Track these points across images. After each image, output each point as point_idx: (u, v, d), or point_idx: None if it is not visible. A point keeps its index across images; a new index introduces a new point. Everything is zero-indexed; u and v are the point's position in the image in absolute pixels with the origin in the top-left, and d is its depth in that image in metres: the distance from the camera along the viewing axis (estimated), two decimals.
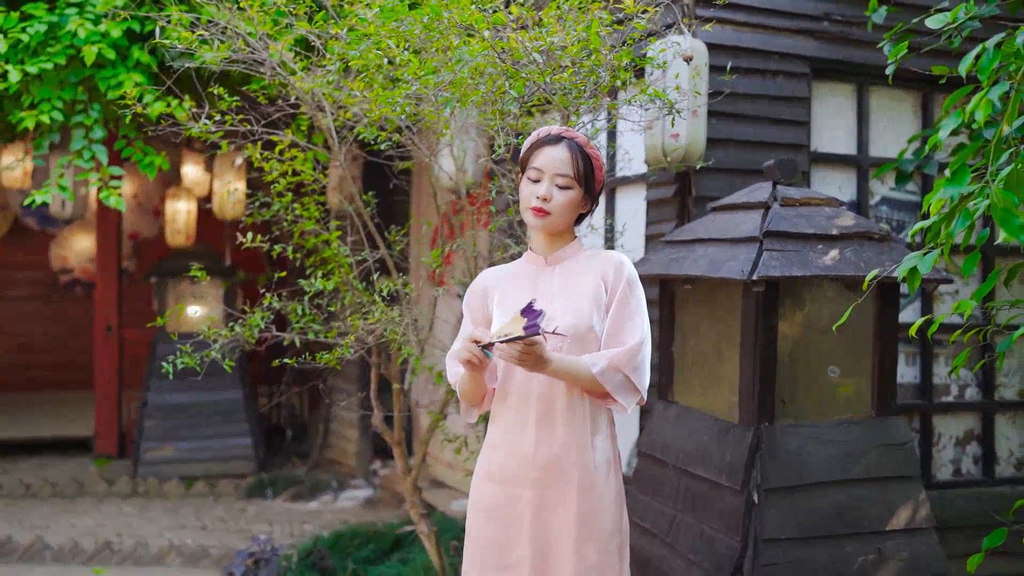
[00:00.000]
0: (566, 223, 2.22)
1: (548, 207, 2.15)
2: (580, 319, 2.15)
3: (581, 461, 2.15)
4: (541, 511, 2.15)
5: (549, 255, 2.25)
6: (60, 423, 7.76)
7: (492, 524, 2.19)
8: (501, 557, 2.17)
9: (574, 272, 2.23)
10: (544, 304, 2.11)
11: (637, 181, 4.04)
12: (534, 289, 2.21)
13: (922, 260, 2.32)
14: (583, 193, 2.20)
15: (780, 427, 2.88)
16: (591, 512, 2.14)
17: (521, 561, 2.15)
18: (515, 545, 2.16)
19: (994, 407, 4.31)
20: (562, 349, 2.14)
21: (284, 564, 4.29)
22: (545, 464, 2.15)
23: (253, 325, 3.39)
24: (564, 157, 2.16)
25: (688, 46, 3.36)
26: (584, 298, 2.18)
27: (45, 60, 4.41)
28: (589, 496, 2.14)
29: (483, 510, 2.22)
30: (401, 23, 2.72)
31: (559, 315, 2.16)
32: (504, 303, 2.23)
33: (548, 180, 2.16)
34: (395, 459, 3.83)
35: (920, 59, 3.40)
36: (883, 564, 2.83)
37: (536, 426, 2.16)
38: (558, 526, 2.14)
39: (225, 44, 3.25)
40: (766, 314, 2.87)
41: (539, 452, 2.15)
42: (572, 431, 2.15)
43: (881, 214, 4.19)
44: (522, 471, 2.16)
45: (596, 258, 2.25)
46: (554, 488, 2.14)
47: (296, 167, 3.51)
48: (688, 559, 2.94)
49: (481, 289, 2.30)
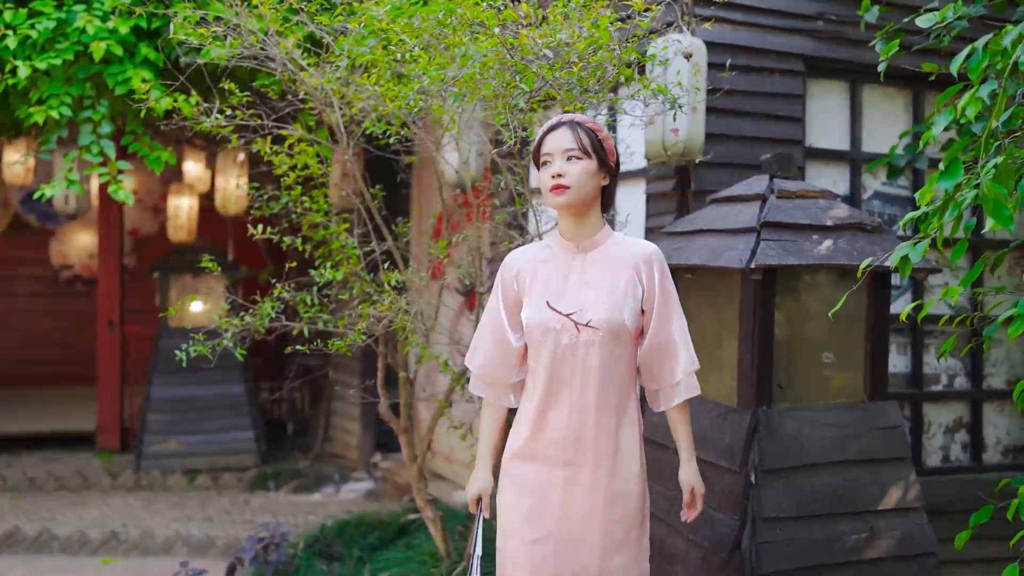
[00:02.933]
0: (588, 196, 2.26)
1: (564, 181, 2.23)
2: (613, 313, 2.24)
3: (611, 446, 2.26)
4: (571, 490, 2.26)
5: (581, 242, 2.31)
6: (63, 418, 7.82)
7: (523, 499, 2.30)
8: (530, 531, 2.28)
9: (606, 262, 2.29)
10: (577, 296, 2.24)
11: (637, 175, 4.14)
12: (567, 278, 2.28)
13: (913, 249, 2.43)
14: (597, 164, 2.27)
15: (777, 411, 2.98)
16: (619, 494, 2.27)
17: (549, 536, 2.26)
18: (544, 521, 2.27)
19: (982, 396, 4.43)
20: (594, 343, 2.23)
21: (291, 552, 4.38)
22: (577, 447, 2.26)
23: (264, 315, 3.48)
24: (566, 135, 2.26)
25: (688, 44, 3.47)
26: (617, 291, 2.26)
27: (53, 56, 4.48)
28: (617, 479, 2.27)
29: (516, 484, 2.32)
30: (413, 19, 2.81)
31: (591, 307, 2.24)
32: (533, 288, 2.31)
33: (558, 158, 2.25)
34: (401, 447, 3.92)
35: (911, 57, 3.52)
36: (875, 541, 2.95)
37: (569, 410, 2.26)
38: (587, 506, 2.26)
39: (236, 40, 3.34)
40: (764, 302, 2.98)
41: (572, 435, 2.26)
42: (603, 417, 2.26)
43: (873, 208, 4.30)
44: (555, 452, 2.27)
45: (628, 248, 2.31)
46: (586, 470, 2.26)
47: (306, 160, 3.61)
48: (688, 538, 3.04)
49: (513, 269, 2.37)
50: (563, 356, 2.25)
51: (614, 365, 2.26)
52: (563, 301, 2.27)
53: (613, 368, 2.26)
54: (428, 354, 3.66)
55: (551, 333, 2.26)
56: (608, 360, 2.25)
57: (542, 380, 2.29)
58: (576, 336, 2.24)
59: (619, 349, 2.26)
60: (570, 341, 2.24)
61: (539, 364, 2.29)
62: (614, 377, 2.27)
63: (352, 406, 6.76)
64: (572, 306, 2.25)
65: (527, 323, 2.30)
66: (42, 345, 9.49)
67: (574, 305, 2.25)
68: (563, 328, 2.25)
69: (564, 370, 2.26)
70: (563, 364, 2.25)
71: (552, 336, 2.26)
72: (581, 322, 2.19)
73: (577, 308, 2.25)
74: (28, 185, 7.34)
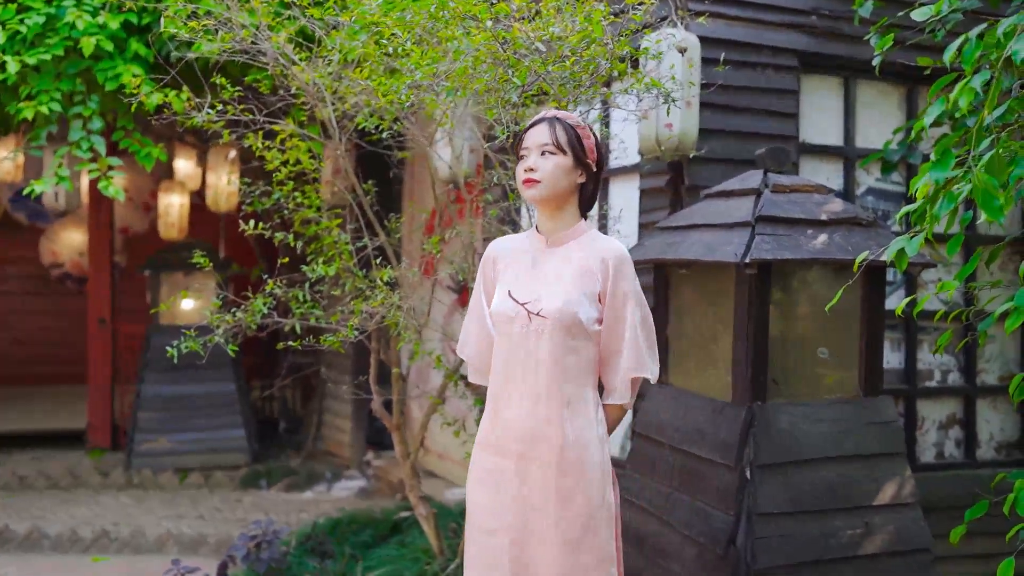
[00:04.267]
0: (560, 192, 2.26)
1: (536, 175, 2.24)
2: (566, 305, 2.22)
3: (559, 439, 2.21)
4: (524, 482, 2.23)
5: (552, 236, 2.32)
6: (53, 416, 7.78)
7: (483, 489, 2.30)
8: (488, 521, 2.27)
9: (571, 257, 2.29)
10: (536, 287, 2.24)
11: (631, 171, 4.13)
12: (532, 270, 2.30)
13: (909, 243, 2.42)
14: (573, 162, 2.26)
15: (772, 406, 2.97)
16: (571, 490, 2.20)
17: (505, 528, 2.24)
18: (500, 512, 2.25)
19: (976, 392, 4.44)
20: (544, 333, 2.21)
21: (283, 549, 4.35)
22: (526, 438, 2.23)
23: (256, 311, 3.46)
24: (544, 131, 2.27)
25: (682, 38, 3.45)
26: (573, 284, 2.25)
27: (43, 51, 4.45)
28: (567, 474, 2.21)
29: (476, 475, 2.33)
30: (406, 13, 2.79)
31: (546, 298, 2.24)
32: (504, 278, 2.33)
33: (534, 153, 2.25)
34: (394, 444, 3.91)
35: (905, 52, 3.52)
36: (870, 537, 2.94)
37: (520, 399, 2.25)
38: (540, 500, 2.22)
39: (228, 35, 3.31)
40: (759, 296, 2.97)
41: (521, 425, 2.24)
42: (552, 409, 2.22)
43: (867, 204, 4.30)
44: (507, 442, 2.26)
45: (593, 244, 2.30)
46: (535, 463, 2.22)
47: (298, 156, 3.58)
48: (683, 534, 3.03)
49: (492, 257, 2.40)
50: (516, 345, 2.26)
51: (566, 357, 2.23)
52: (523, 291, 2.28)
53: (565, 360, 2.23)
54: (421, 351, 3.64)
55: (507, 321, 2.28)
56: (559, 351, 2.22)
57: (498, 368, 2.31)
58: (528, 325, 2.24)
59: (572, 341, 2.23)
60: (522, 330, 2.24)
61: (497, 353, 2.32)
62: (567, 369, 2.23)
63: (344, 404, 6.73)
64: (529, 296, 2.26)
65: (491, 311, 2.34)
66: (33, 343, 9.43)
67: (531, 295, 2.26)
68: (517, 316, 2.26)
69: (516, 359, 2.26)
70: (515, 353, 2.26)
71: (507, 324, 2.28)
72: (533, 311, 2.19)
73: (533, 298, 2.25)
74: (18, 182, 7.27)
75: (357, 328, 3.38)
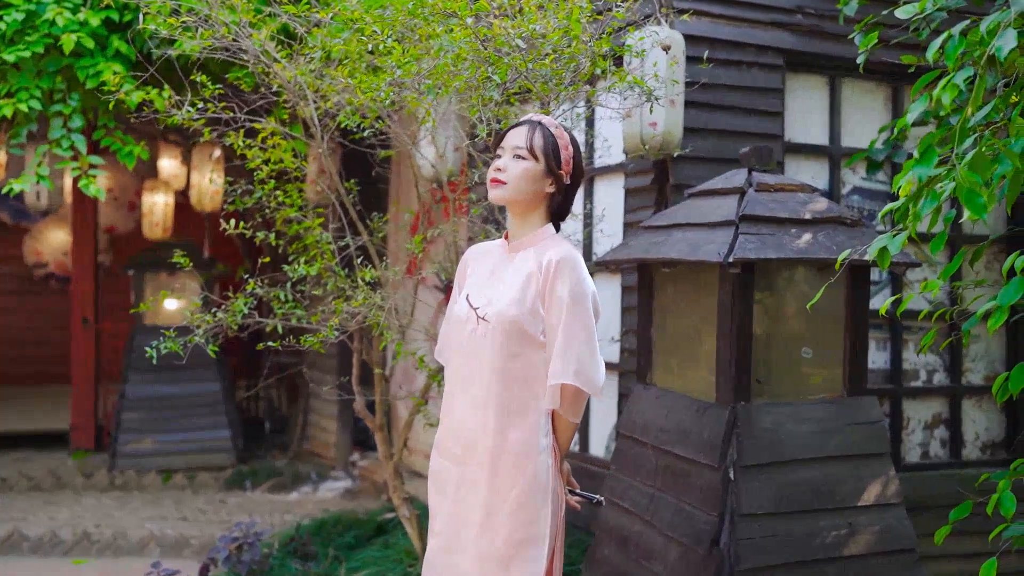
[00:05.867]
0: (524, 197, 2.21)
1: (503, 176, 2.21)
2: (508, 309, 2.17)
3: (497, 447, 2.15)
4: (460, 488, 2.21)
5: (513, 242, 2.29)
6: (37, 417, 7.71)
7: (433, 489, 2.30)
8: (434, 523, 2.29)
9: (523, 263, 2.24)
10: (489, 292, 2.23)
11: (616, 170, 4.11)
12: (491, 275, 2.28)
13: (892, 241, 2.40)
14: (544, 169, 2.21)
15: (756, 406, 2.96)
16: (501, 500, 2.13)
17: (444, 529, 2.24)
18: (440, 515, 2.26)
19: (961, 391, 4.43)
20: (487, 337, 2.18)
21: (266, 551, 4.31)
22: (466, 442, 2.21)
23: (236, 311, 3.42)
24: (522, 133, 2.23)
25: (666, 36, 3.43)
26: (518, 290, 2.20)
27: (23, 48, 4.40)
28: (498, 483, 2.14)
29: (430, 475, 2.33)
30: (385, 10, 2.76)
31: (495, 302, 2.21)
32: (468, 283, 2.34)
33: (507, 154, 2.23)
34: (377, 445, 3.87)
35: (890, 51, 3.50)
36: (855, 537, 2.92)
37: (464, 403, 2.23)
38: (470, 506, 2.18)
39: (208, 32, 3.27)
40: (742, 296, 2.95)
41: (464, 428, 2.22)
42: (491, 415, 2.17)
43: (853, 203, 4.29)
44: (451, 445, 2.25)
45: (544, 251, 2.22)
46: (470, 468, 2.20)
47: (279, 155, 3.54)
48: (667, 535, 3.01)
49: (465, 261, 2.42)
50: (465, 348, 2.25)
51: (509, 362, 2.17)
52: (479, 296, 2.27)
53: (509, 365, 2.17)
54: (404, 351, 3.61)
55: (460, 325, 2.28)
56: (502, 357, 2.17)
57: (450, 372, 2.31)
58: (476, 328, 2.22)
59: (516, 347, 2.17)
60: (471, 333, 2.23)
61: (452, 355, 2.32)
62: (510, 375, 2.17)
63: (330, 404, 6.69)
64: (482, 300, 2.25)
65: (450, 314, 2.35)
66: (16, 343, 9.34)
67: (484, 300, 2.25)
68: (468, 320, 2.25)
69: (463, 362, 2.25)
70: (465, 357, 2.25)
71: (460, 327, 2.27)
72: (481, 315, 2.19)
73: (485, 303, 2.24)
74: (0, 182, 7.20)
75: (338, 328, 3.34)
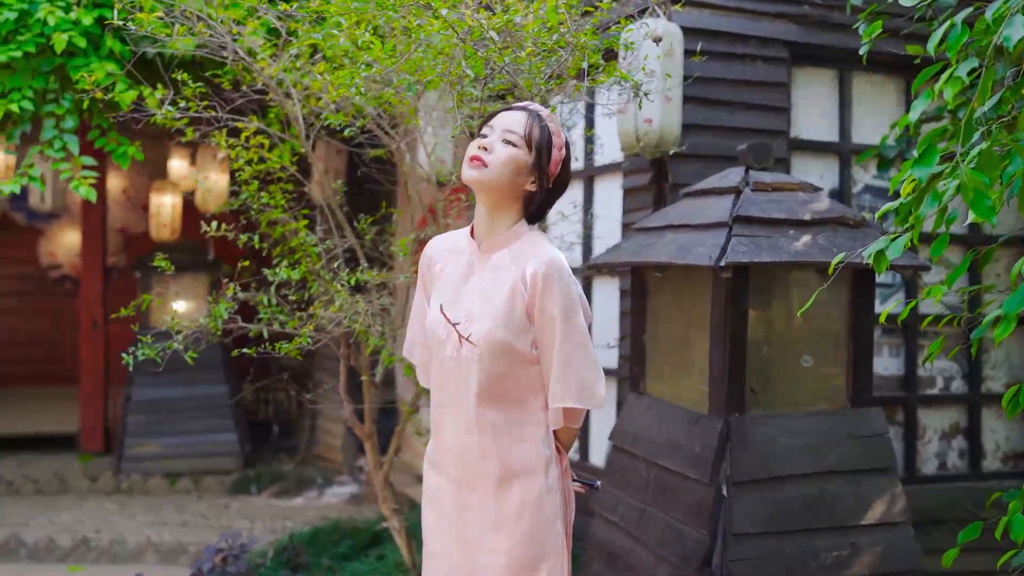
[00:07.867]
0: (502, 185, 1.99)
1: (487, 157, 1.97)
2: (494, 329, 1.98)
3: (497, 470, 2.01)
4: (463, 511, 2.05)
5: (485, 240, 2.07)
6: (45, 419, 7.69)
7: (429, 508, 2.14)
8: (432, 544, 2.12)
9: (500, 268, 2.03)
10: (467, 303, 2.03)
11: (614, 169, 3.96)
12: (465, 280, 2.06)
13: (891, 244, 2.24)
14: (533, 163, 2.00)
15: (750, 417, 2.80)
16: (508, 520, 2.00)
17: (445, 554, 2.08)
18: (442, 536, 2.09)
19: (980, 400, 4.22)
20: (473, 360, 1.98)
21: (258, 561, 4.22)
22: (463, 466, 2.04)
23: (217, 316, 3.33)
24: (518, 118, 2.01)
25: (660, 28, 3.28)
26: (501, 304, 1.99)
27: (15, 48, 4.34)
28: (507, 508, 2.00)
29: (426, 492, 2.16)
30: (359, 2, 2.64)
31: (476, 318, 2.00)
32: (437, 285, 2.11)
33: (496, 134, 2.00)
34: (367, 454, 3.76)
35: (901, 42, 3.32)
36: (856, 558, 2.76)
37: (453, 425, 2.05)
38: (478, 532, 2.03)
39: (184, 27, 3.18)
40: (736, 301, 2.79)
41: (458, 452, 2.05)
42: (486, 439, 2.01)
43: (864, 202, 4.10)
44: (448, 467, 2.08)
45: (522, 255, 2.02)
46: (475, 494, 2.04)
47: (263, 155, 3.45)
48: (656, 553, 2.86)
49: (429, 257, 2.17)
50: (448, 369, 2.05)
51: (500, 384, 2.00)
52: (455, 306, 2.05)
53: (499, 387, 2.01)
54: (392, 357, 3.49)
55: (440, 344, 2.06)
56: (489, 380, 1.99)
57: (434, 390, 2.12)
58: (459, 349, 2.02)
59: (505, 368, 2.00)
60: (454, 353, 2.03)
61: (433, 373, 2.12)
62: (502, 396, 2.01)
63: (337, 407, 6.58)
64: (460, 313, 2.04)
65: (426, 326, 2.12)
66: (28, 345, 9.37)
67: (462, 313, 2.04)
68: (448, 339, 2.04)
69: (447, 383, 2.06)
70: (448, 377, 2.05)
71: (440, 347, 2.06)
72: (464, 335, 1.98)
73: (464, 316, 2.03)
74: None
75: (316, 335, 3.23)
